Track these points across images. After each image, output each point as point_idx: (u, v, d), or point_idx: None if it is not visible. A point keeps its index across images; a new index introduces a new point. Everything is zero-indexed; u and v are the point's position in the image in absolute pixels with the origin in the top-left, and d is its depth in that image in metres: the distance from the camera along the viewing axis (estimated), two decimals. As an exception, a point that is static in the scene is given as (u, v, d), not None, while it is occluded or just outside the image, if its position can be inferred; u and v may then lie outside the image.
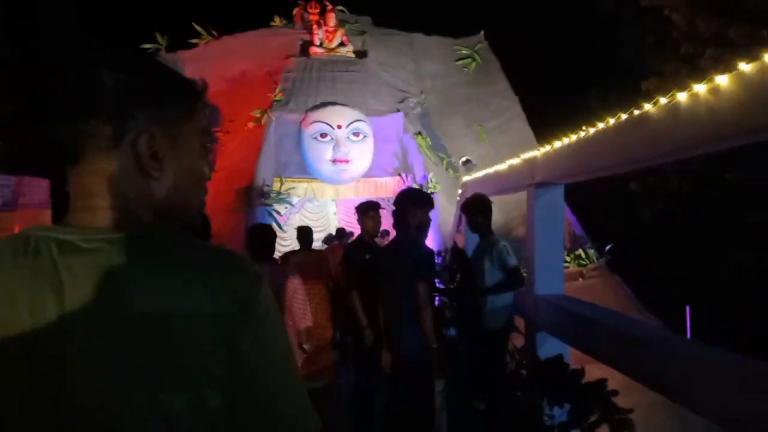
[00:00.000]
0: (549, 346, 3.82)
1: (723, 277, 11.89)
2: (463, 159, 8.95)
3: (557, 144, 3.90)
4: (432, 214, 3.68)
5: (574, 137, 3.60)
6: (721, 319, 11.03)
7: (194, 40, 10.39)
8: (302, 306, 3.78)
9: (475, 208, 4.35)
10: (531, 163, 4.08)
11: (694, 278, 12.07)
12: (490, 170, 5.20)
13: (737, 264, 11.59)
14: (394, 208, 3.60)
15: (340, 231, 7.92)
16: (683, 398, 2.44)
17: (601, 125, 3.27)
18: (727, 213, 11.58)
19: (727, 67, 2.44)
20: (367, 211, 4.56)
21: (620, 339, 3.00)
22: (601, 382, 2.89)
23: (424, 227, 3.51)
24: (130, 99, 0.80)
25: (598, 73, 15.51)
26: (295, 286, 3.69)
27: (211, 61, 10.18)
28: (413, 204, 3.46)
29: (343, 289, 4.58)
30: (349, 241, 7.24)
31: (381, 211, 4.61)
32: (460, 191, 6.49)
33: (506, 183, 4.70)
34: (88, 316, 0.74)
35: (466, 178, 6.58)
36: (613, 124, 3.12)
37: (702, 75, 2.55)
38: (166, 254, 0.78)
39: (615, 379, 3.47)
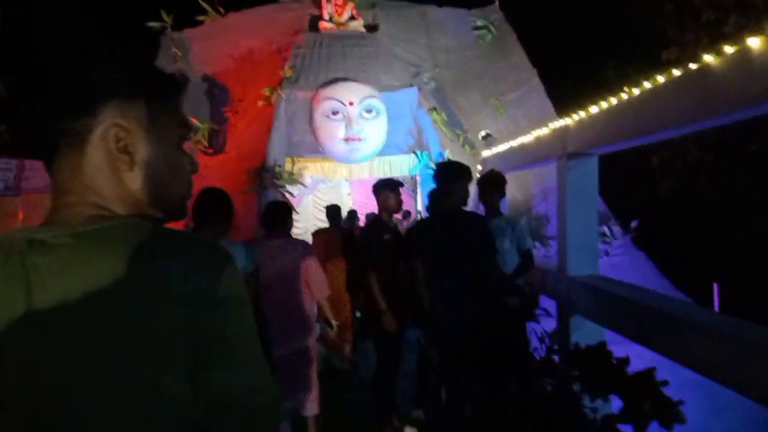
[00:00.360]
0: (585, 331, 3.61)
1: (747, 251, 11.60)
2: (482, 133, 8.64)
3: (593, 109, 3.65)
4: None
5: (614, 100, 3.34)
6: (747, 293, 10.79)
7: (200, 17, 10.09)
8: (321, 279, 3.77)
9: (492, 185, 4.16)
10: (562, 132, 3.83)
11: (718, 252, 11.79)
12: (514, 143, 4.94)
13: (763, 236, 11.28)
14: (436, 182, 3.69)
15: (352, 213, 7.75)
16: (736, 383, 2.23)
17: (647, 84, 3.01)
18: (753, 185, 11.24)
19: (754, 31, 2.19)
20: (385, 188, 4.34)
21: (669, 323, 2.77)
22: (650, 372, 2.68)
23: (465, 200, 3.48)
24: (99, 93, 0.81)
25: (614, 44, 15.08)
26: (309, 262, 3.70)
27: (218, 38, 9.93)
28: (456, 178, 3.50)
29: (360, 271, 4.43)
30: (362, 222, 7.06)
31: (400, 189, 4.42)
32: (479, 167, 6.24)
33: (532, 156, 4.44)
34: (55, 311, 0.75)
35: (485, 153, 6.31)
36: (664, 81, 2.86)
37: (725, 42, 2.32)
38: (128, 245, 0.77)
39: (642, 358, 3.25)
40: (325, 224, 6.40)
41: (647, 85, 3.01)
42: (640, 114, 3.01)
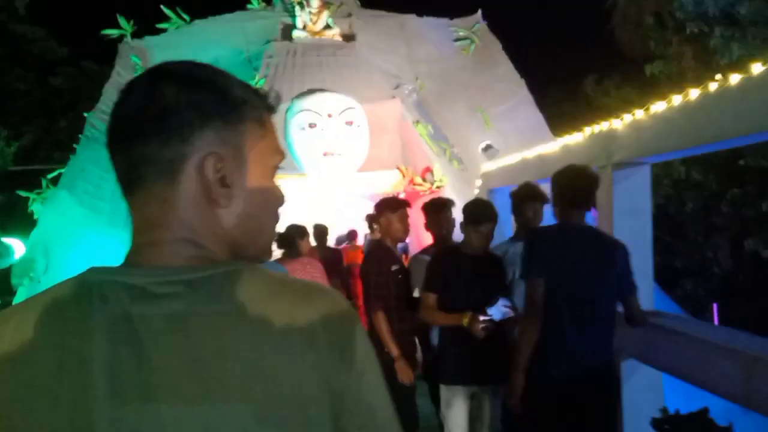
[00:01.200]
0: (639, 378, 2.98)
1: (737, 270, 11.28)
2: (482, 145, 8.06)
3: (638, 113, 3.04)
4: None
5: (676, 99, 2.74)
6: (739, 312, 10.42)
7: (162, 25, 9.33)
8: None
9: (534, 198, 3.50)
10: (606, 138, 3.22)
11: (710, 271, 11.43)
12: (528, 153, 4.33)
13: (752, 255, 10.98)
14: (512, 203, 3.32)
15: (352, 233, 7.05)
16: None
17: (737, 77, 2.41)
18: (741, 201, 10.93)
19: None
20: (386, 210, 3.66)
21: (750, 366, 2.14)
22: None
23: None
24: (195, 116, 0.72)
25: (593, 58, 14.86)
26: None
27: (182, 47, 9.14)
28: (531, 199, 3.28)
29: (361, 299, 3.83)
30: (363, 244, 6.35)
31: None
32: (479, 183, 5.62)
33: (557, 168, 3.81)
34: (176, 378, 0.64)
35: (486, 167, 5.70)
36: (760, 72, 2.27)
37: (711, 56, 1.84)
38: (253, 299, 0.69)
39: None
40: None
41: (736, 78, 2.41)
42: (717, 114, 2.42)
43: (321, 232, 5.52)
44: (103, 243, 7.13)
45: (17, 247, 7.09)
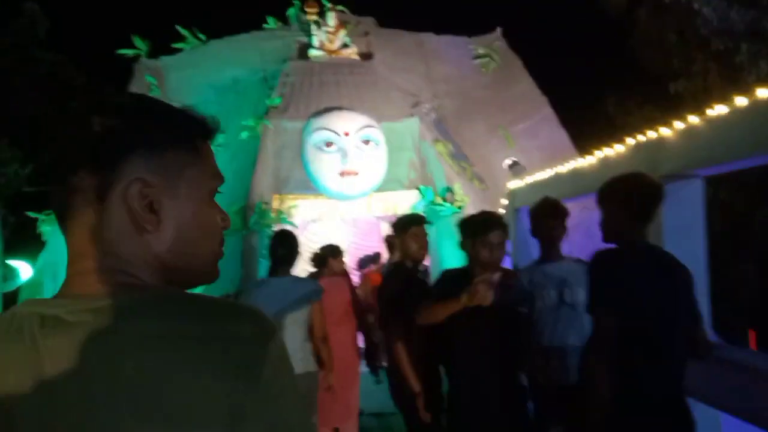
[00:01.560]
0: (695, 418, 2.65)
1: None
2: (509, 161, 7.80)
3: (691, 119, 2.76)
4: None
5: (740, 101, 2.46)
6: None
7: (178, 45, 9.25)
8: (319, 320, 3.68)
9: (559, 214, 3.20)
10: (653, 148, 2.94)
11: (739, 295, 10.98)
12: (561, 169, 4.06)
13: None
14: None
15: (376, 255, 6.76)
16: None
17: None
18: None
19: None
20: (409, 226, 3.40)
21: None
22: None
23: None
24: (119, 144, 0.72)
25: (614, 77, 14.60)
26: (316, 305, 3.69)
27: (198, 67, 9.09)
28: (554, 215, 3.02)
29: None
30: (382, 267, 6.07)
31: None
32: (505, 202, 5.35)
33: (594, 183, 3.53)
34: (70, 402, 0.65)
35: (513, 185, 5.43)
36: None
37: (737, 72, 1.59)
38: (157, 321, 0.68)
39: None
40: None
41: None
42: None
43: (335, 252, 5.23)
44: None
45: (23, 269, 6.92)
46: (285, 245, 3.76)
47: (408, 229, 3.34)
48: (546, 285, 3.13)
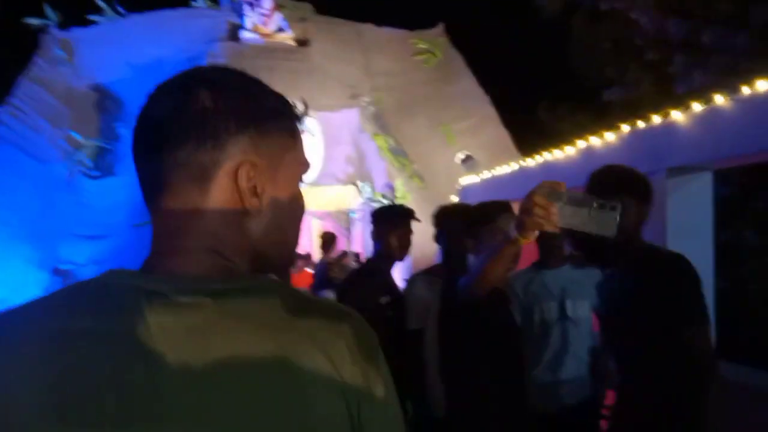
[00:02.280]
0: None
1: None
2: (461, 156, 7.44)
3: (696, 106, 2.44)
4: None
5: (762, 84, 2.13)
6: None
7: (94, 17, 8.39)
8: None
9: (507, 209, 2.66)
10: (656, 138, 2.59)
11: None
12: (527, 163, 3.67)
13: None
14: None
15: (307, 255, 6.17)
16: None
17: None
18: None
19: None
20: (393, 220, 2.87)
21: None
22: None
23: None
24: (231, 123, 0.69)
25: (546, 83, 14.70)
26: None
27: (115, 43, 8.30)
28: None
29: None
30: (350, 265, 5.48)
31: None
32: (455, 199, 4.97)
33: (579, 176, 3.13)
34: (188, 397, 0.60)
35: (465, 180, 5.05)
36: None
37: (670, 83, 1.37)
38: (279, 317, 0.66)
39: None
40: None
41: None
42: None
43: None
44: (4, 257, 6.12)
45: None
46: None
47: (392, 223, 2.82)
48: (546, 295, 2.68)
